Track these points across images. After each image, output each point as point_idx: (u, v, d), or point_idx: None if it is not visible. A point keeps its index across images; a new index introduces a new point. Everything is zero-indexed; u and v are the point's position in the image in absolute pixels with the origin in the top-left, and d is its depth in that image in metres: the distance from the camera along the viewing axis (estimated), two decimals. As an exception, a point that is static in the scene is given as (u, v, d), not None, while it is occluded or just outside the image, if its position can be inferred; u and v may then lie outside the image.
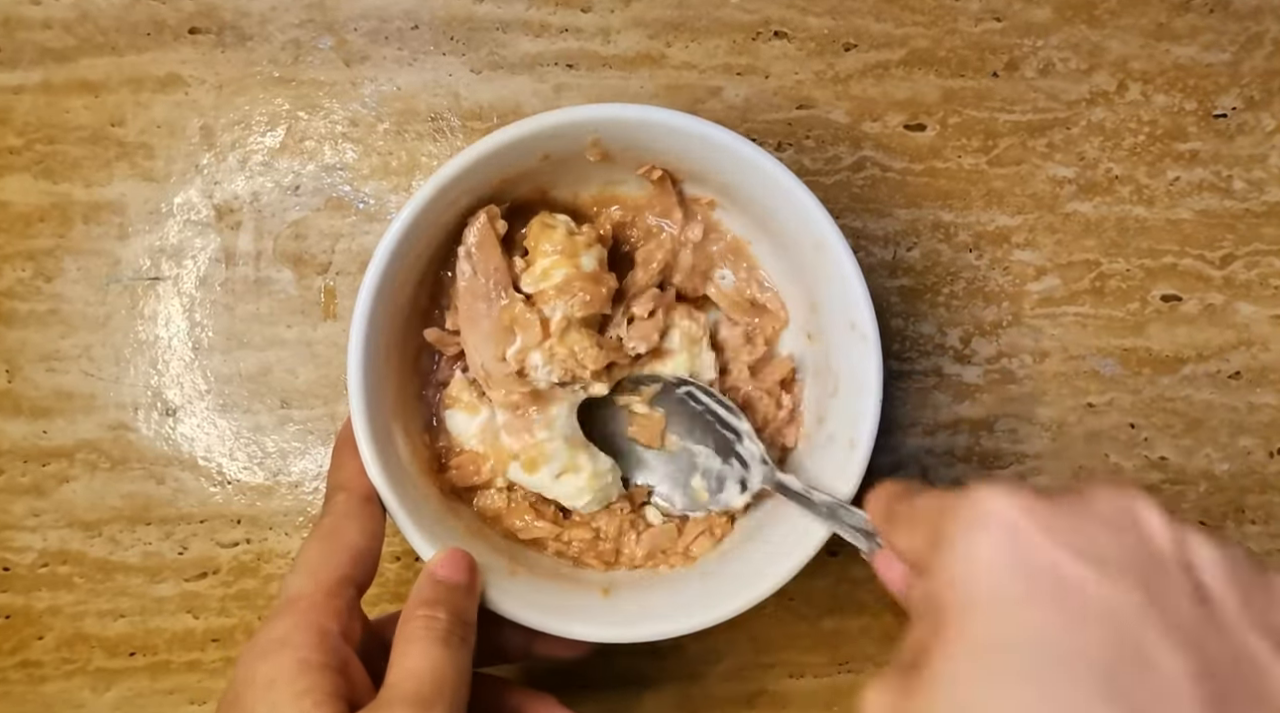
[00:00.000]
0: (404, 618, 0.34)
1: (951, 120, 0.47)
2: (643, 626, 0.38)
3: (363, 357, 0.37)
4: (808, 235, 0.39)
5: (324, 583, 0.33)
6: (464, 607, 0.35)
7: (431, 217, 0.37)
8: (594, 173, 0.41)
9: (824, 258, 0.38)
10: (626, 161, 0.40)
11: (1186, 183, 0.48)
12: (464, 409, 0.41)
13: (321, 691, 0.30)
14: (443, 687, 0.31)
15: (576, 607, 0.39)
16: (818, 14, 0.47)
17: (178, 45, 0.45)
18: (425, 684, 0.31)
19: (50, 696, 0.45)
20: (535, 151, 0.38)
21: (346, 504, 0.36)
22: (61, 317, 0.45)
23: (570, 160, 0.39)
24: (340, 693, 0.30)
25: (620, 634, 0.38)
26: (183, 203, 0.45)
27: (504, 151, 0.37)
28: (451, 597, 0.35)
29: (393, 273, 0.37)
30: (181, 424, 0.45)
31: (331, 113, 0.46)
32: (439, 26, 0.46)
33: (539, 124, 0.37)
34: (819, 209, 0.38)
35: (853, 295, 0.38)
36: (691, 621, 0.38)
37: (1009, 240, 0.48)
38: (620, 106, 0.37)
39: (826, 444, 0.40)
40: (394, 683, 0.31)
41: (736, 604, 0.38)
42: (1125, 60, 0.48)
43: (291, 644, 0.31)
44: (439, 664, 0.32)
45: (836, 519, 0.37)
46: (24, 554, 0.45)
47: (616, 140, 0.38)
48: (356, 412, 0.36)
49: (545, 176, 0.41)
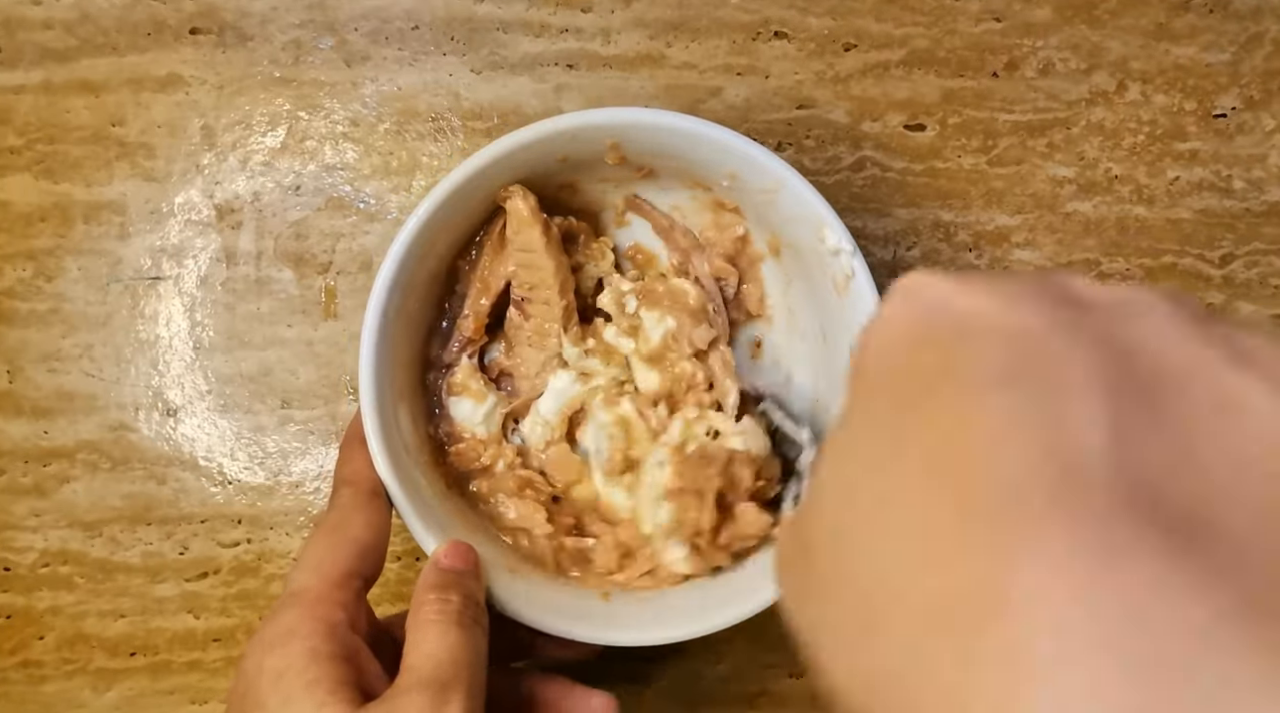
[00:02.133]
0: (415, 604, 0.33)
1: (951, 120, 0.47)
2: (645, 630, 0.38)
3: (375, 355, 0.37)
4: (838, 269, 0.39)
5: (330, 575, 0.33)
6: (473, 589, 0.35)
7: (449, 211, 0.38)
8: (612, 174, 0.41)
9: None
10: (644, 166, 0.41)
11: (1186, 183, 0.48)
12: (472, 396, 0.41)
13: (332, 679, 0.30)
14: (460, 668, 0.31)
15: (577, 608, 0.39)
16: (818, 14, 0.47)
17: (178, 45, 0.45)
18: (444, 666, 0.31)
19: (51, 696, 0.45)
20: (554, 153, 0.38)
21: (353, 498, 0.36)
22: (62, 317, 0.45)
23: (590, 162, 0.40)
24: (351, 681, 0.30)
25: (623, 638, 0.38)
26: (184, 203, 0.45)
27: (524, 150, 0.37)
28: (460, 580, 0.35)
29: (409, 267, 0.37)
30: (182, 424, 0.45)
31: (332, 113, 0.46)
32: (439, 27, 0.46)
33: (557, 126, 0.37)
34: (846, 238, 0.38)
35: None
36: (693, 627, 0.38)
37: (1009, 240, 0.48)
38: (652, 112, 0.38)
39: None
40: (412, 667, 0.31)
41: (737, 612, 0.38)
42: (1125, 60, 0.48)
43: (300, 635, 0.31)
44: (456, 646, 0.32)
45: None
46: (25, 554, 0.45)
47: (635, 144, 0.39)
48: (367, 407, 0.37)
49: (566, 177, 0.41)
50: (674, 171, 0.41)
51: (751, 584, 0.39)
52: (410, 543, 0.46)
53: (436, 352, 0.42)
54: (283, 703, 0.29)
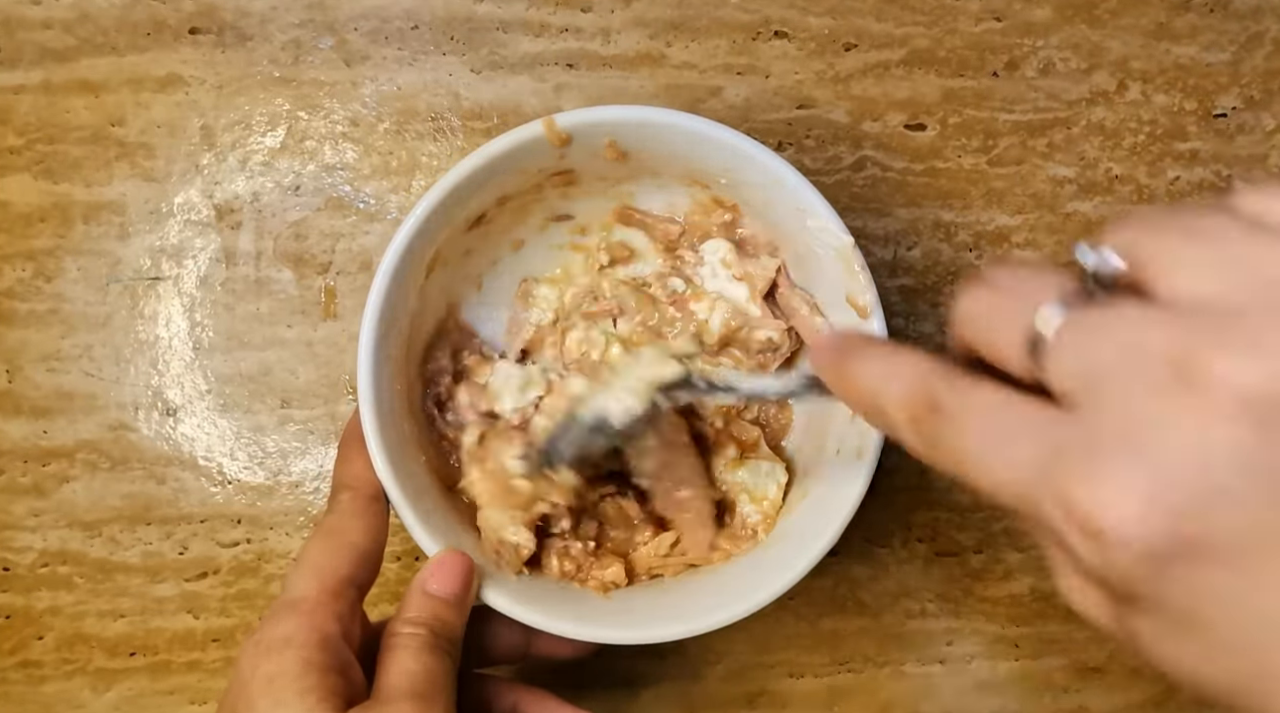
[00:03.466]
0: (388, 632, 0.34)
1: (952, 120, 0.47)
2: (644, 628, 0.38)
3: (373, 355, 0.37)
4: (845, 280, 0.39)
5: (328, 584, 0.34)
6: (451, 623, 0.35)
7: (451, 207, 0.37)
8: (611, 171, 0.41)
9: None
10: (645, 164, 0.40)
11: (1186, 183, 0.48)
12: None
13: (324, 689, 0.31)
14: (436, 686, 0.32)
15: (576, 607, 0.39)
16: (818, 14, 0.47)
17: (178, 45, 0.45)
18: (420, 682, 0.32)
19: (50, 696, 0.45)
20: (551, 152, 0.38)
21: (352, 503, 0.36)
22: (62, 317, 0.45)
23: (592, 162, 0.40)
24: (341, 693, 0.31)
25: (621, 636, 0.38)
26: (183, 203, 0.45)
27: (524, 149, 0.37)
28: (439, 612, 0.35)
29: (407, 266, 0.37)
30: (182, 424, 0.45)
31: (332, 113, 0.46)
32: (439, 26, 0.46)
33: (571, 120, 0.37)
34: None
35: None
36: (694, 624, 0.38)
37: (1009, 240, 0.48)
38: (654, 110, 0.38)
39: (834, 458, 0.41)
40: (390, 683, 0.32)
41: (738, 610, 0.38)
42: (1125, 60, 0.48)
43: (295, 644, 0.32)
44: (431, 666, 0.33)
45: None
46: (24, 554, 0.45)
47: (634, 141, 0.39)
48: (365, 406, 0.36)
49: (563, 167, 0.41)
50: (671, 168, 0.41)
51: (751, 584, 0.38)
52: (409, 543, 0.46)
53: (437, 351, 0.42)
54: (273, 707, 0.30)
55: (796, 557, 0.38)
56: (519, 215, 0.42)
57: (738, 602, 0.38)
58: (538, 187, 0.41)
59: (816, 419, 0.43)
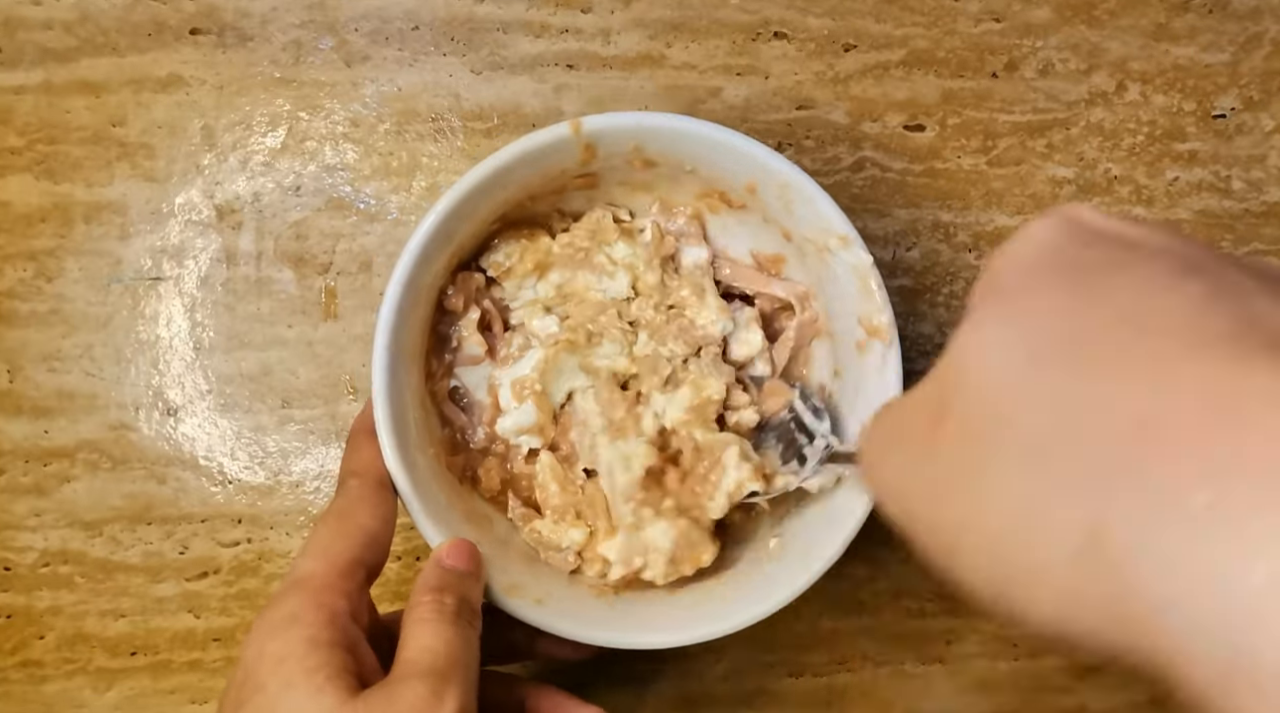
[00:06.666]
0: (411, 604, 0.34)
1: (951, 121, 0.47)
2: (646, 634, 0.38)
3: (388, 349, 0.37)
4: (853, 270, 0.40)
5: (336, 563, 0.33)
6: (471, 592, 0.35)
7: (469, 206, 0.38)
8: (633, 176, 0.41)
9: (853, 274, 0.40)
10: (669, 169, 0.41)
11: (1185, 183, 0.48)
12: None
13: (332, 666, 0.30)
14: (455, 663, 0.32)
15: (580, 608, 0.39)
16: (818, 14, 0.47)
17: (179, 46, 0.45)
18: (440, 658, 0.31)
19: (51, 696, 0.45)
20: (576, 156, 0.38)
21: (360, 489, 0.36)
22: (63, 317, 0.45)
23: (617, 167, 0.40)
24: (350, 670, 0.30)
25: (623, 640, 0.38)
26: (184, 203, 0.45)
27: (544, 151, 0.37)
28: (459, 582, 0.35)
29: (428, 258, 0.37)
30: (182, 424, 0.45)
31: (332, 113, 0.46)
32: (439, 27, 0.46)
33: (595, 125, 0.37)
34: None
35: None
36: (696, 632, 0.38)
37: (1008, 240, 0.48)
38: (679, 119, 0.38)
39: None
40: (408, 659, 0.31)
41: (742, 618, 0.38)
42: (1124, 61, 0.48)
43: (302, 622, 0.31)
44: (451, 641, 0.32)
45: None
46: (25, 554, 0.45)
47: (656, 145, 0.39)
48: (379, 399, 0.37)
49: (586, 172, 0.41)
50: (691, 175, 0.41)
51: (755, 592, 0.39)
52: (410, 543, 0.46)
53: (448, 347, 0.42)
54: (283, 687, 0.29)
55: (798, 573, 0.39)
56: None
57: (742, 610, 0.39)
58: (560, 188, 0.41)
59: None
